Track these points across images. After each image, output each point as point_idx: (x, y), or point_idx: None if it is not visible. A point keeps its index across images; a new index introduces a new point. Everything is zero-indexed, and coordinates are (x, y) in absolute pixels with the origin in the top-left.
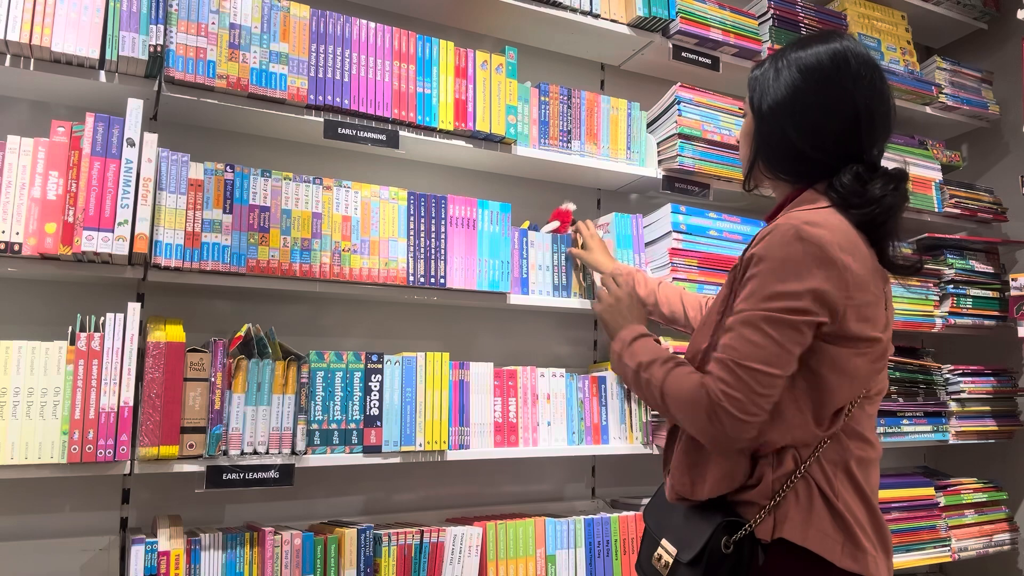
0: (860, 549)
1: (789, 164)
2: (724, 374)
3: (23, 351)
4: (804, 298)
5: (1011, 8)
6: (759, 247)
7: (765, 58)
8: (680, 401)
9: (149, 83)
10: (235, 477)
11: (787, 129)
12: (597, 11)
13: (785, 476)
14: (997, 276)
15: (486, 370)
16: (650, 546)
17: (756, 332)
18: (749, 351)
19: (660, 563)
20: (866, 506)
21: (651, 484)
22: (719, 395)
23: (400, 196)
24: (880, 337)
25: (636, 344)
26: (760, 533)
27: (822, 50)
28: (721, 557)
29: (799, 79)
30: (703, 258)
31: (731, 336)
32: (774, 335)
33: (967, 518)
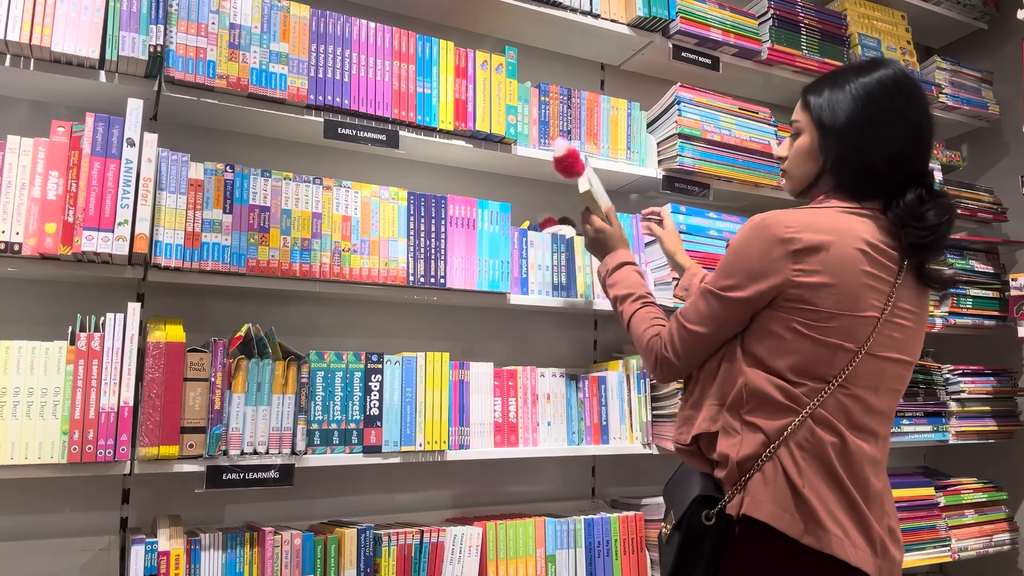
0: (823, 529)
1: (859, 181)
2: (677, 330)
3: (23, 351)
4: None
5: (1011, 8)
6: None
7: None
8: (636, 338)
9: (149, 83)
10: (235, 477)
11: (864, 147)
12: (597, 11)
13: (753, 456)
14: (997, 276)
15: (486, 370)
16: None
17: (703, 301)
18: (695, 315)
19: (663, 531)
20: (839, 492)
21: (651, 484)
22: (669, 345)
23: (400, 196)
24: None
25: (617, 273)
26: (731, 509)
27: (885, 73)
28: (703, 529)
29: (872, 99)
30: (703, 258)
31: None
32: (714, 304)
33: (967, 518)
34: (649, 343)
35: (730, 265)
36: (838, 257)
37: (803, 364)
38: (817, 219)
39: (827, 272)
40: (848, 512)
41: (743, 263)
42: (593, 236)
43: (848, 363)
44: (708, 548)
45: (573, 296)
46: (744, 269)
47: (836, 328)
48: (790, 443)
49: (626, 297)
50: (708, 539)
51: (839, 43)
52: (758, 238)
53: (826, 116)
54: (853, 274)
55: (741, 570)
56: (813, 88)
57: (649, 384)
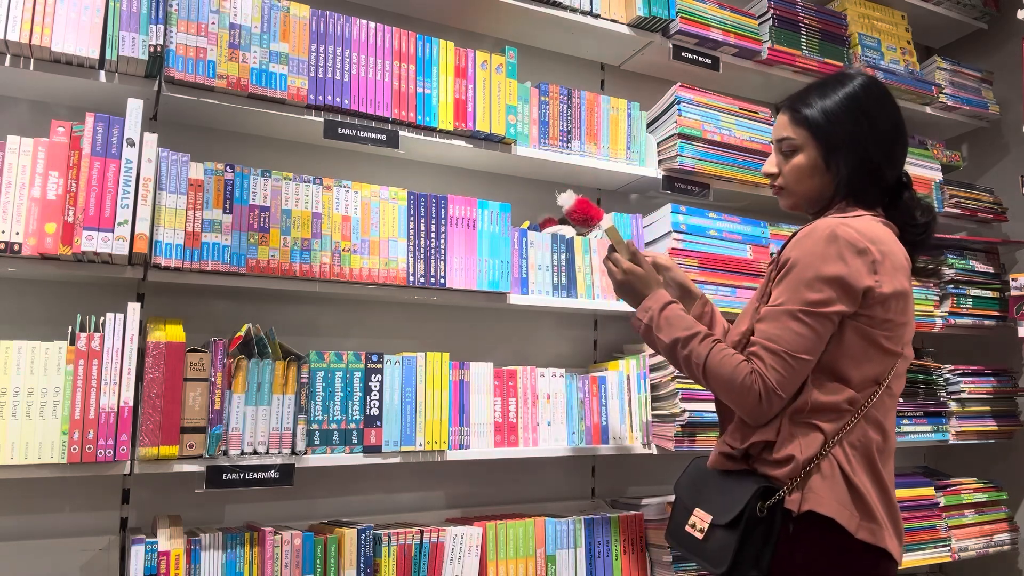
0: (877, 523)
1: (871, 189)
2: (776, 363)
3: (23, 351)
4: (835, 291)
5: (1011, 8)
6: (796, 246)
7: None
8: (724, 380)
9: (149, 83)
10: (235, 477)
11: (871, 156)
12: (597, 11)
13: (813, 455)
14: (997, 276)
15: (486, 370)
16: (682, 516)
17: (797, 324)
18: (793, 343)
19: (695, 529)
20: (881, 491)
21: (651, 484)
22: (771, 382)
23: (400, 196)
24: (905, 322)
25: (667, 313)
26: (789, 503)
27: (863, 81)
28: (756, 520)
29: (864, 108)
30: (703, 258)
31: (775, 326)
32: (813, 325)
33: (967, 518)
34: (745, 382)
35: (812, 279)
36: (896, 266)
37: (873, 372)
38: (871, 229)
39: (894, 281)
40: (886, 505)
41: (829, 276)
42: (622, 279)
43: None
44: (759, 540)
45: (573, 296)
46: (832, 282)
47: (898, 336)
48: (844, 442)
49: (691, 338)
50: (759, 531)
51: (839, 43)
52: (836, 249)
53: (828, 131)
54: (906, 282)
55: (796, 561)
56: (800, 104)
57: (649, 384)
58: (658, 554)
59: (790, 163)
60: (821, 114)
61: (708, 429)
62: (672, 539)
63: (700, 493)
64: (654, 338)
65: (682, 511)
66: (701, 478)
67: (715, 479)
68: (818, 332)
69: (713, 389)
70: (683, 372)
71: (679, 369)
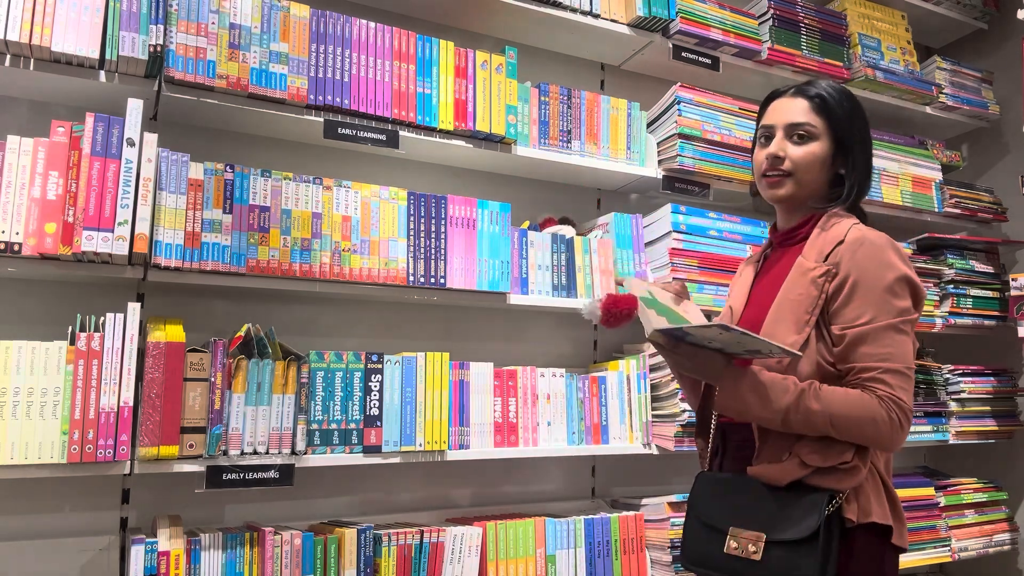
0: (903, 524)
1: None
2: (902, 383)
3: (23, 351)
4: (911, 296)
5: (1011, 8)
6: (860, 258)
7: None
8: (858, 421)
9: (149, 83)
10: (235, 477)
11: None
12: (597, 11)
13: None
14: (997, 276)
15: (486, 370)
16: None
17: (902, 336)
18: (907, 355)
19: (747, 552)
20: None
21: (651, 484)
22: (905, 403)
23: (400, 196)
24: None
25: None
26: (848, 513)
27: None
28: (828, 534)
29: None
30: (703, 258)
31: (882, 344)
32: (910, 334)
33: (967, 518)
34: (883, 415)
35: (892, 287)
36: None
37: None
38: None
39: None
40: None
41: (906, 281)
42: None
43: None
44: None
45: (573, 296)
46: (909, 286)
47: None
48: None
49: (799, 395)
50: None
51: (839, 43)
52: (898, 256)
53: (846, 127)
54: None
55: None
56: (824, 93)
57: (649, 384)
58: (658, 554)
59: (804, 149)
60: (842, 109)
61: None
62: (698, 566)
63: (738, 512)
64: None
65: (708, 533)
66: (728, 495)
67: (755, 494)
68: (914, 338)
69: (846, 435)
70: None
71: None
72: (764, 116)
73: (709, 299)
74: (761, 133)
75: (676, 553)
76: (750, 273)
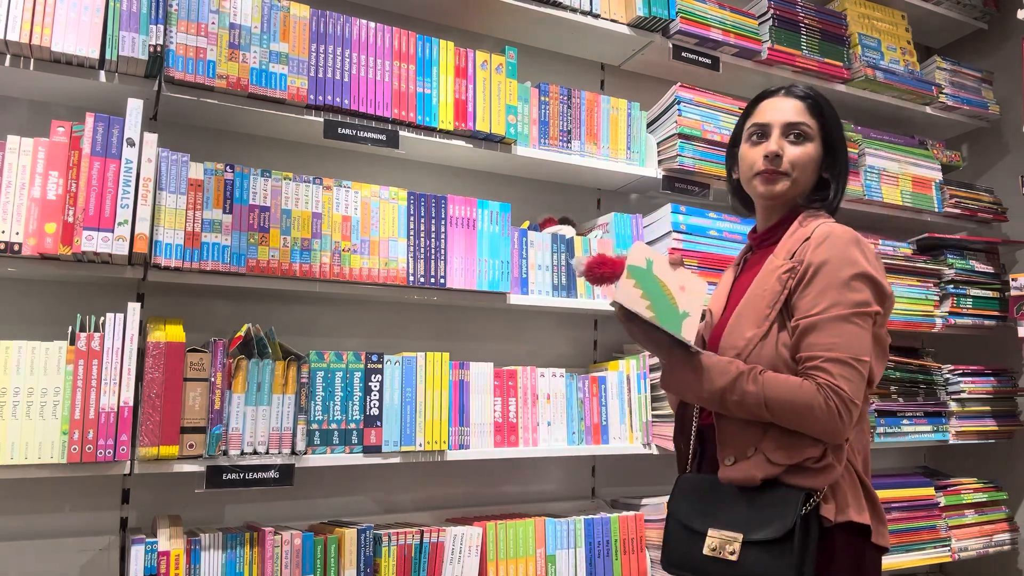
0: (883, 523)
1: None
2: (845, 372)
3: (23, 351)
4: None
5: (1011, 8)
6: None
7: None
8: (793, 406)
9: (149, 83)
10: (235, 477)
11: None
12: (597, 11)
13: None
14: (997, 276)
15: (486, 370)
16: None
17: (853, 327)
18: (855, 346)
19: (725, 552)
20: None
21: (651, 484)
22: (845, 392)
23: (400, 196)
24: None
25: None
26: (825, 512)
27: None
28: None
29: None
30: (703, 258)
31: (829, 333)
32: (865, 327)
33: (967, 518)
34: (819, 403)
35: (850, 280)
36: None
37: (879, 372)
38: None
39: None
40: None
41: (865, 276)
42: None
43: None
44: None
45: (573, 296)
46: (868, 281)
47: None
48: (853, 446)
49: (737, 377)
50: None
51: (839, 43)
52: (861, 251)
53: (833, 131)
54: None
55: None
56: (815, 95)
57: (649, 384)
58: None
59: (801, 149)
60: (829, 111)
61: None
62: (678, 569)
63: (715, 512)
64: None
65: (687, 535)
66: (706, 496)
67: (732, 495)
68: (870, 332)
69: (783, 421)
70: (741, 415)
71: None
72: (755, 115)
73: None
74: (753, 131)
75: None
76: (730, 276)
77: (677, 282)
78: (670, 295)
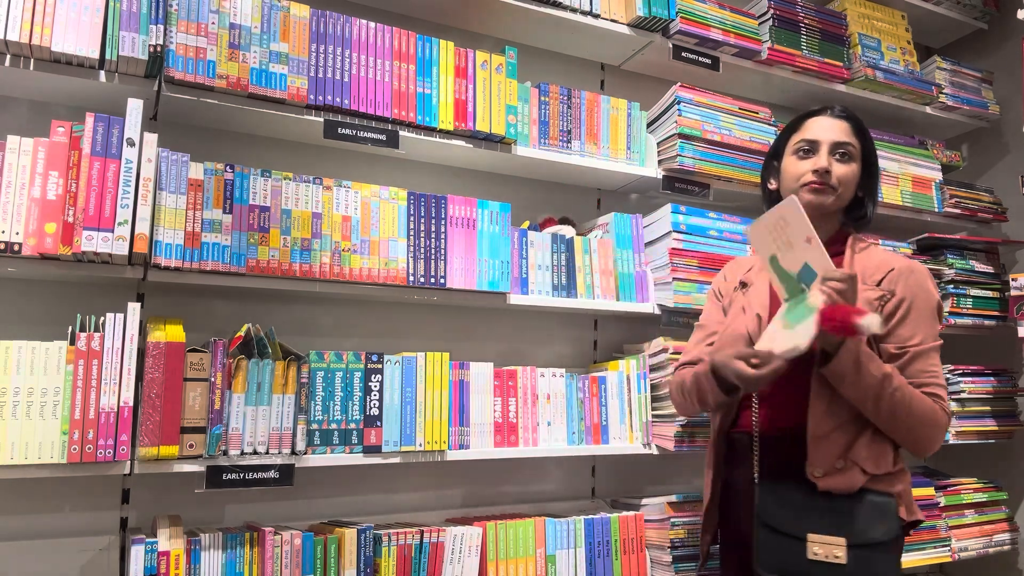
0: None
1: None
2: (945, 395)
3: (23, 351)
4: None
5: (1011, 8)
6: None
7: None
8: (931, 416)
9: (149, 83)
10: (235, 477)
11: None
12: (597, 11)
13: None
14: (997, 276)
15: (486, 370)
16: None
17: (938, 355)
18: (941, 372)
19: (831, 556)
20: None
21: (651, 484)
22: (950, 414)
23: (400, 196)
24: None
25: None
26: (901, 513)
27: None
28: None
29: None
30: (703, 258)
31: (930, 363)
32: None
33: (967, 518)
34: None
35: (934, 313)
36: None
37: None
38: None
39: None
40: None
41: (939, 306)
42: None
43: None
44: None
45: (573, 296)
46: (940, 311)
47: None
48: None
49: (891, 373)
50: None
51: (839, 43)
52: (933, 282)
53: (873, 156)
54: None
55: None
56: (859, 119)
57: (649, 384)
58: (658, 554)
59: (847, 168)
60: (868, 134)
61: (708, 429)
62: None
63: (812, 519)
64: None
65: (784, 541)
66: (801, 504)
67: (825, 502)
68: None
69: (911, 424)
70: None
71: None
72: (802, 131)
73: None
74: (799, 147)
75: (676, 553)
76: (763, 281)
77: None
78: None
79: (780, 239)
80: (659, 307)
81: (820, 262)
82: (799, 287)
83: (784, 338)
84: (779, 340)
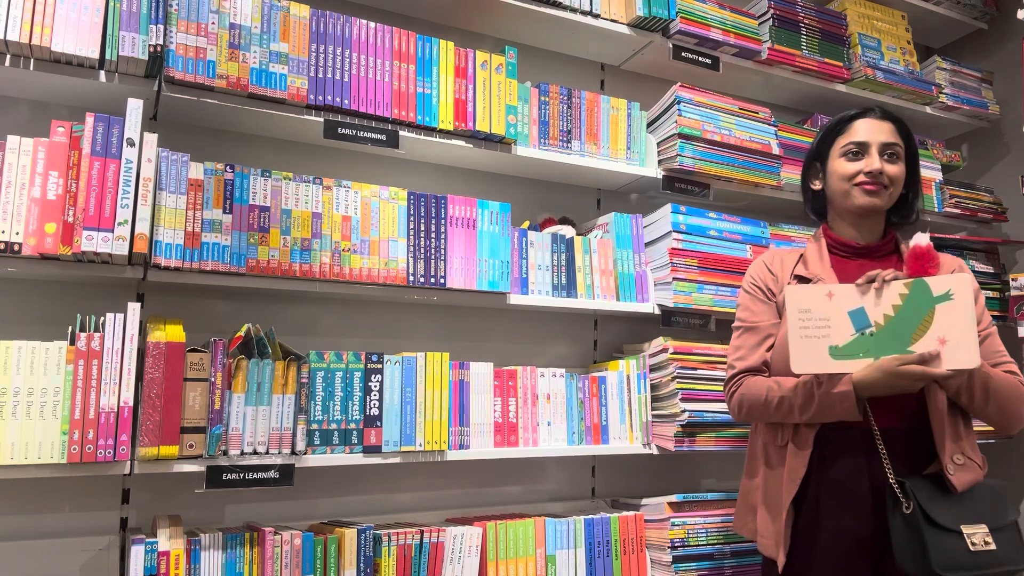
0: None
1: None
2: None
3: (23, 351)
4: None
5: (1011, 8)
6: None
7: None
8: (1011, 394)
9: (149, 83)
10: (235, 477)
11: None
12: (597, 11)
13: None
14: (997, 276)
15: (486, 370)
16: (947, 538)
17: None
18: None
19: (983, 543)
20: None
21: (651, 484)
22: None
23: (400, 196)
24: None
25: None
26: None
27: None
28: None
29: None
30: (703, 258)
31: (998, 343)
32: None
33: None
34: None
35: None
36: None
37: None
38: None
39: None
40: None
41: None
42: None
43: None
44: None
45: (573, 296)
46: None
47: None
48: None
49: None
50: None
51: (839, 43)
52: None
53: (915, 154)
54: None
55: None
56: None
57: (649, 384)
58: (658, 554)
59: (897, 168)
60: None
61: (708, 429)
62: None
63: (958, 513)
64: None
65: (942, 535)
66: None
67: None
68: None
69: (1002, 404)
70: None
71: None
72: (849, 133)
73: (709, 299)
74: (848, 149)
75: (676, 553)
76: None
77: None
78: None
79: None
80: (659, 307)
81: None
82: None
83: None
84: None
